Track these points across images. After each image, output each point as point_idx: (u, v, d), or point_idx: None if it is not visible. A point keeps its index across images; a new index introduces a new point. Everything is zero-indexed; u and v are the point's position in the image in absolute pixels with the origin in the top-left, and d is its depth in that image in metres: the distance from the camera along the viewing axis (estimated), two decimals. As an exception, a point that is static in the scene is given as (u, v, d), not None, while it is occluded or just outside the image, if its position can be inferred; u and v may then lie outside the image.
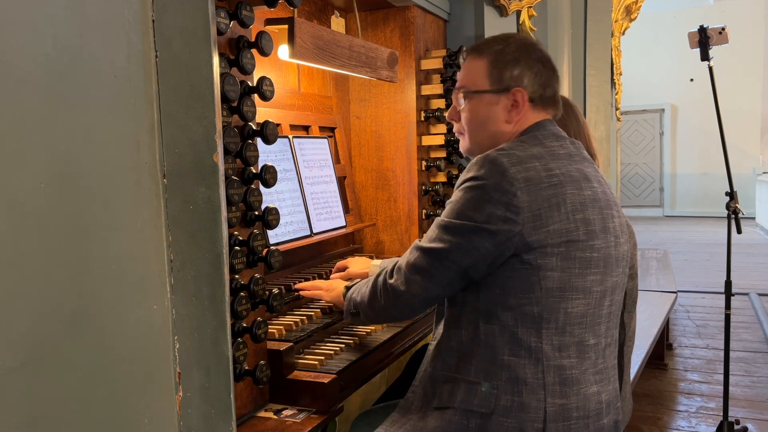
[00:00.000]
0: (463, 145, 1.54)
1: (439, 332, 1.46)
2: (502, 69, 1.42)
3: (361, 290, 1.53)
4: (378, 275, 1.48)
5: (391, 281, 1.42)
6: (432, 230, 1.39)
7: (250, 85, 1.38)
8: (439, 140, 2.47)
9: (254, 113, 1.39)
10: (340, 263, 2.03)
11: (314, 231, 2.12)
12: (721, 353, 3.37)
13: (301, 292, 1.83)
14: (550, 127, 1.44)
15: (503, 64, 1.43)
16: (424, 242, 1.39)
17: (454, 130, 1.55)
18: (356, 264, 1.98)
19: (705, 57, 3.00)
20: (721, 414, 3.05)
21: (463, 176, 1.36)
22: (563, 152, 1.40)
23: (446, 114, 1.57)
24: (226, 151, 1.28)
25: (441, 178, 2.53)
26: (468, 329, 1.36)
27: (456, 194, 1.36)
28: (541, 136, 1.41)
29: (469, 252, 1.31)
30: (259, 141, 1.41)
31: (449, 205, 1.37)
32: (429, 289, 1.37)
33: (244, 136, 1.37)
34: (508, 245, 1.29)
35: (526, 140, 1.40)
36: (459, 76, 1.53)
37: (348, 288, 1.64)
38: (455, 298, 1.41)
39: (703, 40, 2.98)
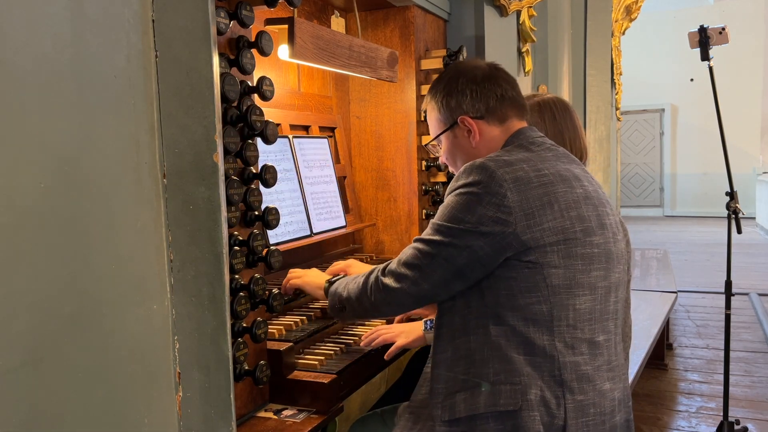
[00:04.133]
0: None
1: (441, 350, 1.41)
2: (442, 108, 1.53)
3: (349, 286, 1.52)
4: (370, 272, 1.48)
5: (384, 279, 1.42)
6: (426, 231, 1.41)
7: (250, 85, 1.38)
8: (439, 140, 2.47)
9: (254, 113, 1.38)
10: (337, 265, 2.02)
11: (314, 231, 2.12)
12: (721, 353, 3.37)
13: (287, 283, 1.76)
14: (530, 133, 1.49)
15: (440, 103, 1.54)
16: (417, 242, 1.41)
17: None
18: (356, 267, 1.98)
19: (705, 57, 3.00)
20: (721, 414, 3.06)
21: (452, 184, 1.39)
22: (550, 154, 1.44)
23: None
24: (226, 151, 1.28)
25: (441, 178, 2.53)
26: (477, 334, 1.35)
27: (447, 199, 1.38)
28: (526, 143, 1.46)
29: (462, 250, 1.32)
30: (259, 141, 1.41)
31: (441, 209, 1.38)
32: (421, 286, 1.37)
33: (244, 136, 1.37)
34: (504, 245, 1.30)
35: (511, 149, 1.45)
36: None
37: (330, 282, 1.61)
38: (458, 306, 1.38)
39: (703, 40, 2.98)
